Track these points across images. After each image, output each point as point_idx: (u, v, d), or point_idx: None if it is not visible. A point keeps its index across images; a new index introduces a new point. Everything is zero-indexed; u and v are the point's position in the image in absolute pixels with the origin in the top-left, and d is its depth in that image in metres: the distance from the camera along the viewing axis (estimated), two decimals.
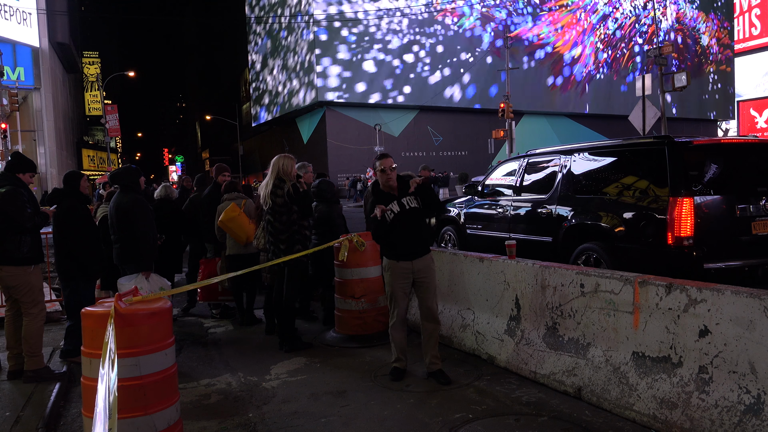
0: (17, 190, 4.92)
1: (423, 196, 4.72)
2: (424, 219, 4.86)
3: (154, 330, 3.25)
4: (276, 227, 5.62)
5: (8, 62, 30.80)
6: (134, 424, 3.11)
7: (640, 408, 3.76)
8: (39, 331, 4.97)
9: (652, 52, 19.74)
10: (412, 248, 4.71)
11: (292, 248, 5.58)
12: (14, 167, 5.08)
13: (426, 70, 40.77)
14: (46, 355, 5.60)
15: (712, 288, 3.53)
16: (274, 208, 5.59)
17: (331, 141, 40.02)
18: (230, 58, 61.96)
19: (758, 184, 5.85)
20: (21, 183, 5.06)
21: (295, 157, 5.92)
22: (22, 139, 33.14)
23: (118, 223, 5.63)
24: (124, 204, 5.60)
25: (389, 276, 4.79)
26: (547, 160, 7.45)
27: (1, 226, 4.82)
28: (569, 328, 4.50)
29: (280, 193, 5.57)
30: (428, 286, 4.75)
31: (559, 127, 48.05)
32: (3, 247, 4.82)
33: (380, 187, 4.80)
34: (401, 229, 4.69)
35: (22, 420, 4.10)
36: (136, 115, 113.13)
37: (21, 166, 5.11)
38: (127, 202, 5.59)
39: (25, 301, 4.93)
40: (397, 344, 4.84)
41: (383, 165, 4.72)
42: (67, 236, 5.36)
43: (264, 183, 5.72)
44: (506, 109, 27.99)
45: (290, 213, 5.62)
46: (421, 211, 4.76)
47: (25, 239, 4.90)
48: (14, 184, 4.97)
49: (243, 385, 4.84)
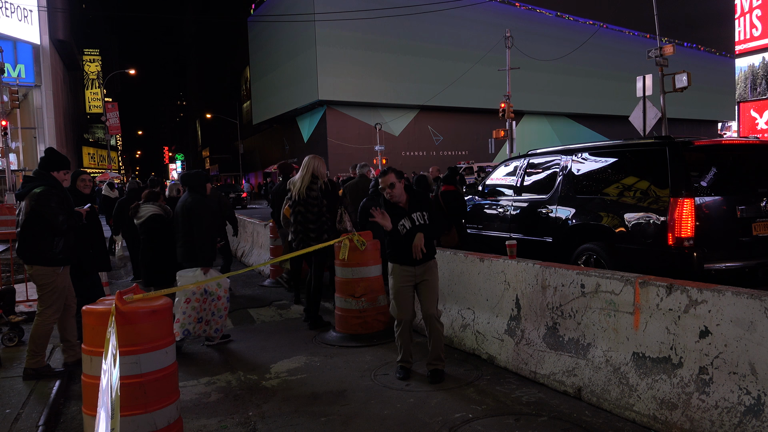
0: (51, 191, 4.88)
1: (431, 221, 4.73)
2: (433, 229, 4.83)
3: (154, 328, 3.25)
4: (307, 218, 6.25)
5: (9, 59, 30.78)
6: (135, 422, 3.11)
7: (640, 408, 3.76)
8: (48, 333, 5.00)
9: (653, 53, 19.73)
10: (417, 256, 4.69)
11: (321, 236, 6.16)
12: (48, 165, 5.01)
13: (427, 69, 40.73)
14: (46, 353, 5.62)
15: (712, 289, 3.53)
16: (307, 201, 6.22)
17: (332, 140, 40.01)
18: (231, 56, 61.94)
19: (759, 185, 5.85)
20: (56, 182, 5.00)
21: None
22: (23, 137, 33.12)
23: (183, 223, 5.90)
24: (191, 205, 5.90)
25: (393, 279, 4.80)
26: (547, 161, 7.45)
27: (36, 226, 4.83)
28: (569, 329, 4.50)
29: (314, 188, 6.25)
30: (429, 286, 4.74)
31: (559, 128, 48.06)
32: (37, 247, 4.83)
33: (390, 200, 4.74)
34: (408, 241, 4.69)
35: (23, 417, 4.11)
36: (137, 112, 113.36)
37: (55, 163, 5.04)
38: (195, 204, 5.90)
39: (44, 300, 4.94)
40: (403, 347, 4.85)
41: (382, 183, 4.69)
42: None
43: (297, 179, 6.34)
44: (507, 109, 27.97)
45: (321, 206, 6.29)
46: (429, 227, 4.72)
47: (59, 240, 4.91)
48: (49, 184, 4.91)
49: (243, 383, 4.84)
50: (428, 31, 40.75)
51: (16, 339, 5.92)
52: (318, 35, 38.27)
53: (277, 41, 45.38)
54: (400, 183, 4.70)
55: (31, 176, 5.01)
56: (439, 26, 40.92)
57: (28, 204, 4.84)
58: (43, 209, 4.79)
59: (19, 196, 4.97)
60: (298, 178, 6.35)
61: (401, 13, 38.14)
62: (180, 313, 5.70)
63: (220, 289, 5.94)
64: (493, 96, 35.57)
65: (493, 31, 38.89)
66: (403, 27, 39.73)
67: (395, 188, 4.65)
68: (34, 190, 4.85)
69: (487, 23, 41.68)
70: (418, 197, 4.79)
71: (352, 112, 40.75)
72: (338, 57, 38.57)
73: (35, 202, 4.79)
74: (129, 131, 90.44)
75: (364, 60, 39.38)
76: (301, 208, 6.27)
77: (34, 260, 4.85)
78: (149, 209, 6.56)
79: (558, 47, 42.75)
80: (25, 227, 4.85)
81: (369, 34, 39.02)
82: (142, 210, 6.60)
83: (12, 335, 5.92)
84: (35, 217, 4.81)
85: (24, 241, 4.86)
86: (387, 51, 39.95)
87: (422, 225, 4.67)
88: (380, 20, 38.03)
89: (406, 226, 4.69)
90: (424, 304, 4.76)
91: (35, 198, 4.80)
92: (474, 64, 40.14)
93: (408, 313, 4.78)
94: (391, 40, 39.84)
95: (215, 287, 5.91)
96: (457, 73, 40.34)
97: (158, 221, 6.50)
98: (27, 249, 4.86)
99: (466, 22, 41.82)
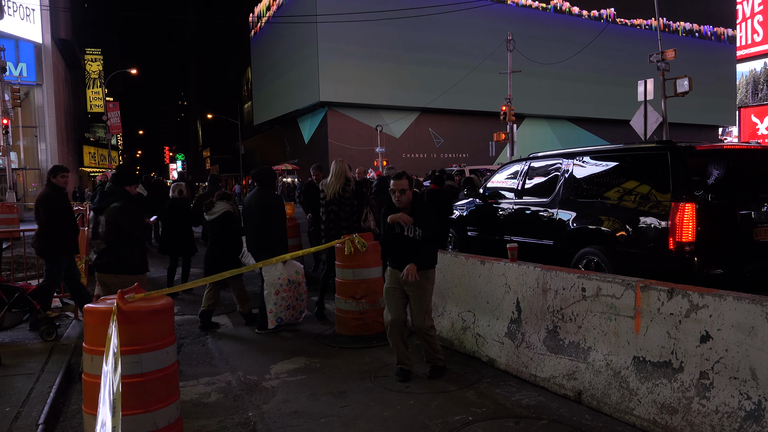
0: (129, 205, 5.24)
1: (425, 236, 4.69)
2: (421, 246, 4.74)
3: (155, 328, 3.26)
4: (340, 215, 6.82)
5: (11, 58, 30.82)
6: (135, 421, 3.11)
7: (640, 413, 3.76)
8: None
9: (654, 57, 19.74)
10: (404, 263, 4.68)
11: (352, 233, 6.35)
12: (122, 180, 5.36)
13: (428, 72, 40.76)
14: (46, 352, 5.61)
15: (713, 294, 3.54)
16: (341, 200, 6.79)
17: (332, 141, 40.03)
18: (232, 57, 62.01)
19: (760, 190, 5.85)
20: (130, 197, 5.36)
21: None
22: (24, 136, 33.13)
23: (261, 217, 6.30)
24: (270, 201, 6.37)
25: (386, 280, 4.92)
26: (549, 164, 7.45)
27: (116, 237, 5.14)
28: (570, 332, 4.50)
29: (348, 188, 6.86)
30: (415, 298, 4.72)
31: (560, 131, 48.08)
32: (117, 257, 5.14)
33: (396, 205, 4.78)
34: (398, 245, 4.76)
35: (23, 416, 4.10)
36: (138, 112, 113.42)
37: (128, 178, 5.42)
38: (274, 200, 6.44)
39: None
40: (397, 350, 4.86)
41: (394, 186, 4.71)
42: None
43: (331, 181, 6.86)
44: (508, 112, 28.00)
45: (352, 205, 6.91)
46: (418, 242, 4.70)
47: (137, 250, 5.29)
48: (126, 198, 5.27)
49: (243, 384, 4.84)
50: (430, 34, 40.79)
51: (54, 333, 6.07)
52: (320, 37, 38.31)
53: (279, 42, 45.43)
54: (410, 192, 4.73)
55: (106, 191, 5.31)
56: (440, 29, 40.96)
57: (110, 217, 5.14)
58: (124, 222, 5.15)
59: (97, 210, 5.28)
60: (332, 180, 6.86)
61: (403, 15, 38.21)
62: (271, 304, 6.18)
63: (299, 275, 6.44)
64: (495, 99, 35.59)
65: (494, 35, 38.92)
66: (405, 29, 39.78)
67: (405, 195, 4.69)
68: (113, 204, 5.16)
69: (489, 27, 41.72)
70: (421, 213, 4.73)
71: (353, 114, 40.77)
72: (340, 58, 38.60)
73: (117, 216, 5.12)
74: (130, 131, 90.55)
75: (366, 62, 39.42)
76: (335, 207, 6.80)
77: (115, 269, 5.15)
78: (223, 206, 6.91)
79: (559, 51, 42.80)
80: (108, 239, 5.15)
81: (371, 37, 39.06)
82: (216, 207, 6.92)
83: (50, 330, 6.06)
84: (117, 229, 5.13)
85: (106, 253, 5.16)
86: (388, 53, 39.98)
87: (407, 237, 4.69)
88: (382, 22, 38.06)
89: (395, 230, 4.76)
90: (411, 315, 4.81)
91: (116, 212, 5.13)
92: (475, 67, 40.18)
93: (395, 314, 4.79)
94: (392, 42, 39.88)
95: (295, 275, 6.38)
96: (459, 76, 40.37)
97: (229, 218, 6.89)
98: (109, 259, 5.16)
99: (468, 26, 41.85)
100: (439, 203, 8.48)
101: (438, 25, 40.40)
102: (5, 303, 5.96)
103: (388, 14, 37.82)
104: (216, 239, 6.88)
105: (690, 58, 42.74)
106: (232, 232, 6.89)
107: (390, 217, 4.75)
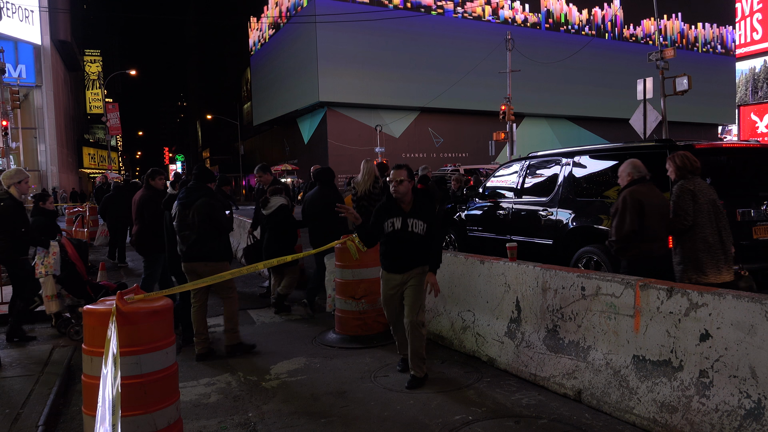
0: (216, 200, 5.69)
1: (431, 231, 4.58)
2: (423, 243, 4.59)
3: (155, 328, 3.25)
4: (370, 210, 6.90)
5: (10, 59, 30.83)
6: (135, 422, 3.11)
7: (640, 411, 3.76)
8: (237, 311, 5.77)
9: (653, 56, 19.74)
10: (402, 263, 4.62)
11: None
12: (205, 178, 5.74)
13: (427, 71, 40.76)
14: (47, 352, 5.63)
15: (713, 292, 3.54)
16: (371, 196, 7.26)
17: (332, 141, 40.03)
18: (231, 57, 62.02)
19: (759, 189, 5.85)
20: (213, 193, 5.81)
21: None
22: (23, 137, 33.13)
23: (323, 211, 6.86)
24: (333, 198, 6.97)
25: (381, 286, 4.80)
26: (548, 163, 7.45)
27: (208, 229, 5.51)
28: (570, 331, 4.50)
29: (377, 186, 7.35)
30: (412, 291, 4.60)
31: (560, 130, 48.07)
32: (207, 247, 5.52)
33: (393, 195, 4.66)
34: (395, 245, 4.62)
35: (22, 417, 4.10)
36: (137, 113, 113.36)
37: (210, 176, 5.85)
38: (335, 197, 7.04)
39: (225, 288, 5.66)
40: (400, 342, 4.88)
41: (392, 176, 4.59)
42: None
43: (361, 179, 7.40)
44: (507, 112, 27.99)
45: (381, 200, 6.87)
46: (422, 237, 4.55)
47: (223, 240, 5.72)
48: (211, 194, 5.69)
49: (243, 384, 4.84)
50: (429, 33, 40.79)
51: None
52: (319, 37, 38.29)
53: (279, 43, 45.43)
54: (409, 183, 4.60)
55: (192, 188, 5.65)
56: (440, 28, 40.96)
57: (200, 211, 5.49)
58: (217, 213, 5.58)
59: (185, 205, 5.58)
60: (362, 178, 7.41)
61: (402, 15, 38.21)
62: (330, 290, 6.74)
63: None
64: (494, 98, 35.59)
65: (494, 33, 38.94)
66: (404, 29, 39.77)
67: (402, 185, 4.55)
68: (200, 199, 5.54)
69: (488, 26, 41.72)
70: (424, 206, 4.64)
71: (352, 114, 40.76)
72: (339, 58, 38.59)
73: (208, 210, 5.51)
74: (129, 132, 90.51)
75: (365, 62, 39.40)
76: (365, 203, 7.26)
77: (206, 258, 5.54)
78: (279, 200, 7.30)
79: (559, 50, 42.79)
80: (199, 231, 5.50)
81: (370, 37, 39.04)
82: (272, 201, 7.31)
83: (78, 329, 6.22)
84: (208, 221, 5.50)
85: (196, 243, 5.53)
86: (388, 53, 39.96)
87: (411, 232, 4.54)
88: (381, 22, 38.07)
89: (395, 225, 4.57)
90: (405, 308, 4.66)
91: (206, 206, 5.52)
92: (475, 66, 40.16)
93: (396, 318, 4.78)
94: (391, 42, 39.86)
95: None
96: (458, 75, 40.36)
97: (285, 211, 7.30)
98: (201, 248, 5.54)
99: (467, 25, 41.87)
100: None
101: (437, 23, 40.41)
102: (93, 300, 6.07)
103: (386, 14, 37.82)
104: (273, 232, 7.30)
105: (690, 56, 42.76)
106: (288, 225, 7.32)
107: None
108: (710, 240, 4.57)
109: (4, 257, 6.14)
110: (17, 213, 6.07)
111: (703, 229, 4.58)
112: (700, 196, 4.62)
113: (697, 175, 4.76)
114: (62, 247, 6.53)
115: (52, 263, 6.33)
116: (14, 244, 6.10)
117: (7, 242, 6.04)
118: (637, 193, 4.74)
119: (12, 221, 6.02)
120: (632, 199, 4.70)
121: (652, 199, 4.76)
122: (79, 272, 6.59)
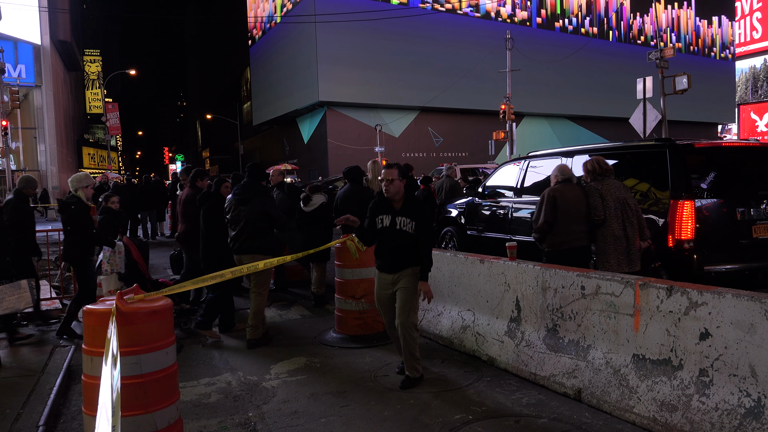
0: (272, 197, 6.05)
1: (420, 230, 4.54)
2: (412, 242, 4.56)
3: (155, 328, 3.25)
4: None
5: (10, 59, 30.83)
6: (135, 422, 3.11)
7: (640, 410, 3.76)
8: (263, 308, 6.03)
9: (653, 55, 19.73)
10: (392, 262, 4.61)
11: None
12: (258, 176, 6.07)
13: (427, 71, 40.74)
14: (47, 352, 5.65)
15: (713, 291, 3.54)
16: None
17: (332, 141, 40.00)
18: (231, 57, 61.95)
19: (759, 188, 5.85)
20: (267, 191, 6.10)
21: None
22: (23, 137, 33.13)
23: (358, 206, 6.90)
24: (364, 195, 7.25)
25: (375, 283, 4.82)
26: (548, 162, 7.45)
27: (265, 224, 5.85)
28: (570, 330, 4.50)
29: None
30: (403, 294, 4.57)
31: (560, 129, 48.06)
32: (260, 241, 5.83)
33: (384, 194, 4.67)
34: (385, 242, 4.63)
35: (23, 417, 4.10)
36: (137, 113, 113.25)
37: (262, 175, 6.21)
38: (367, 193, 7.34)
39: (260, 282, 5.94)
40: (396, 345, 4.86)
41: (383, 175, 4.61)
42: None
43: (373, 179, 7.91)
44: (507, 111, 27.97)
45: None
46: (410, 236, 4.53)
47: (274, 235, 6.08)
48: (265, 192, 5.96)
49: (243, 384, 4.84)
50: (428, 32, 40.75)
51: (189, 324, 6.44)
52: (318, 36, 38.27)
53: (278, 42, 45.41)
54: (400, 182, 4.60)
55: (246, 185, 5.94)
56: (439, 27, 40.93)
57: (258, 207, 5.83)
58: (273, 209, 5.95)
59: (240, 201, 5.89)
60: (374, 178, 7.77)
61: (401, 14, 38.20)
62: None
63: None
64: (494, 98, 35.58)
65: (493, 33, 38.93)
66: (404, 28, 39.74)
67: (393, 184, 4.55)
68: (257, 196, 5.86)
69: (488, 25, 41.71)
70: (413, 205, 4.62)
71: (352, 114, 40.73)
72: (339, 58, 38.55)
73: (264, 206, 5.87)
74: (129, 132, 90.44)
75: (365, 61, 39.36)
76: None
77: (261, 251, 5.78)
78: (320, 198, 7.73)
79: (558, 49, 42.78)
80: (255, 226, 5.81)
81: (369, 36, 39.01)
82: (314, 199, 7.71)
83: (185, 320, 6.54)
84: (265, 216, 5.85)
85: (250, 237, 5.84)
86: (387, 52, 39.92)
87: (400, 230, 4.53)
88: (380, 21, 38.04)
89: (384, 222, 4.58)
90: (396, 310, 4.63)
91: (262, 203, 5.87)
92: (474, 66, 40.14)
93: (390, 319, 4.77)
94: (391, 41, 39.83)
95: None
96: (458, 75, 40.33)
97: (326, 208, 7.69)
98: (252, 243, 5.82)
99: (467, 24, 41.85)
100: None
101: (437, 23, 40.39)
102: None
103: (386, 13, 37.81)
104: (314, 229, 7.66)
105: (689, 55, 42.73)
106: (328, 222, 7.66)
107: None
108: (617, 233, 5.21)
109: (73, 257, 6.31)
110: (87, 215, 6.30)
111: (611, 224, 5.23)
112: (608, 195, 5.27)
113: (608, 177, 5.41)
114: (125, 247, 6.83)
115: (117, 262, 6.63)
116: (84, 245, 6.29)
117: (78, 243, 6.24)
118: (554, 191, 5.42)
119: (83, 223, 6.24)
120: (548, 197, 5.39)
121: (568, 197, 5.36)
122: (141, 270, 7.04)
